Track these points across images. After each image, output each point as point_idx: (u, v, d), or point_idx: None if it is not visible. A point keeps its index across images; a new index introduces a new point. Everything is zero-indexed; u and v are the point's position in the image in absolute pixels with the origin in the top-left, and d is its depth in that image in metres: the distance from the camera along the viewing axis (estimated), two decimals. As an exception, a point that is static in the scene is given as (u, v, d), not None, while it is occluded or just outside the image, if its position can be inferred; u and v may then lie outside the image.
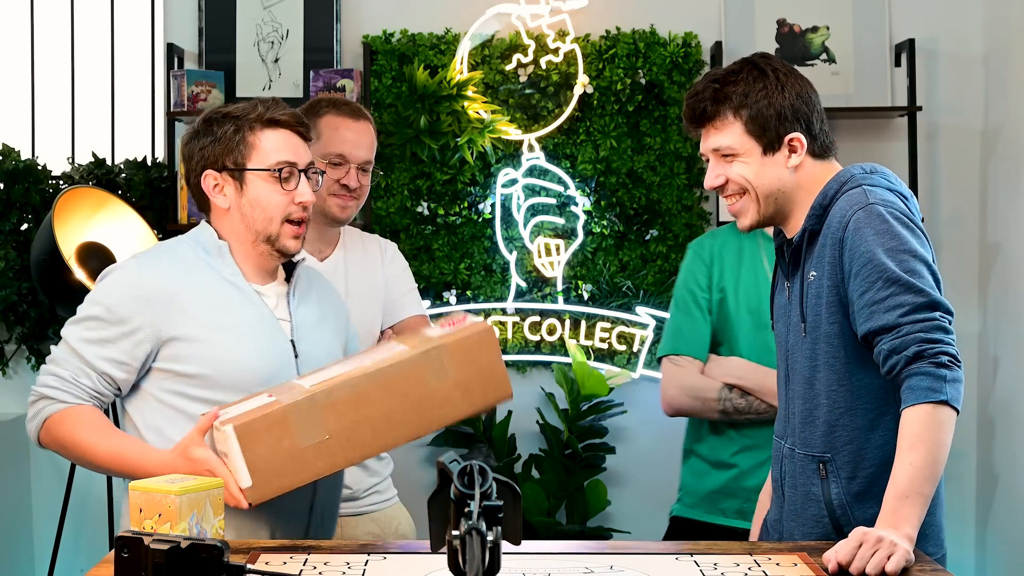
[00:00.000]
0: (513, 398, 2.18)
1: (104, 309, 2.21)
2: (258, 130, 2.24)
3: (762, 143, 2.15)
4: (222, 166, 2.24)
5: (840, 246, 2.07)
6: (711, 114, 2.17)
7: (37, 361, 4.31)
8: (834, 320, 2.09)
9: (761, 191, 2.17)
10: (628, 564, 1.89)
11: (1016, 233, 4.06)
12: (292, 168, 2.24)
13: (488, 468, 1.50)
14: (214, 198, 2.26)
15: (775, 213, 2.19)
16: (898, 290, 1.98)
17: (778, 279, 2.31)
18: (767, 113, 2.14)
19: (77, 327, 2.24)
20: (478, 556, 1.36)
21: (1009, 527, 4.10)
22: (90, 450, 2.18)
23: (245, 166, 2.23)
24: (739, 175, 2.17)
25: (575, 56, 4.23)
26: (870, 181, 2.13)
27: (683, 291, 2.72)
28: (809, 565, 1.87)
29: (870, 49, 4.27)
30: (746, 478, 2.64)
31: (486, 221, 4.29)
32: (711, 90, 2.17)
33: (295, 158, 2.25)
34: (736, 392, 2.60)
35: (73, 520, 4.16)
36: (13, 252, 4.21)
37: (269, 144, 2.24)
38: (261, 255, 2.27)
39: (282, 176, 2.23)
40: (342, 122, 2.78)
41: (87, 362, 2.21)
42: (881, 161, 4.08)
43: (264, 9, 4.31)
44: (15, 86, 4.51)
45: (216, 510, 1.87)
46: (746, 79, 2.15)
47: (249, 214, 2.24)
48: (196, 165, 2.27)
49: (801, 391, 2.17)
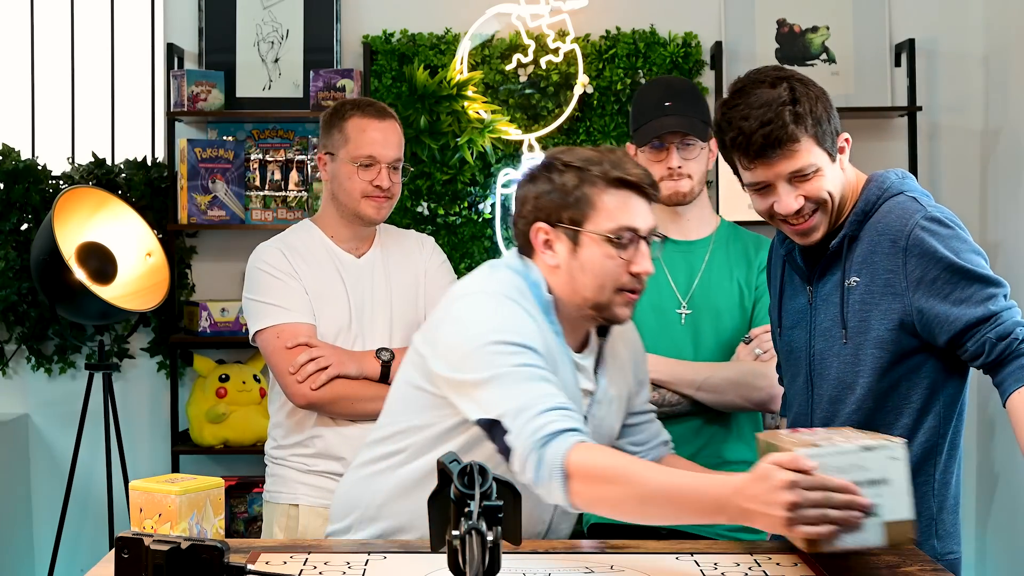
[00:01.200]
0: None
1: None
2: (602, 188, 2.02)
3: (830, 152, 2.10)
4: (556, 220, 2.04)
5: (904, 255, 2.06)
6: (792, 136, 2.04)
7: (37, 361, 4.31)
8: (891, 325, 2.08)
9: (837, 199, 2.13)
10: (628, 564, 1.89)
11: (1016, 233, 4.06)
12: (634, 235, 2.03)
13: (488, 468, 1.50)
14: (542, 253, 2.06)
15: (835, 220, 2.16)
16: (980, 286, 2.02)
17: (786, 284, 2.30)
18: (823, 125, 2.08)
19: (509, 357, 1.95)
20: (478, 556, 1.36)
21: (1009, 527, 4.10)
22: (648, 486, 1.83)
23: (582, 225, 2.02)
24: (822, 190, 2.09)
25: (575, 56, 4.23)
26: (910, 189, 2.15)
27: None
28: (809, 565, 1.87)
29: (870, 49, 4.27)
30: None
31: (486, 221, 4.29)
32: (788, 114, 2.03)
33: (639, 223, 2.04)
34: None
35: (73, 520, 4.16)
36: (13, 252, 4.21)
37: (612, 204, 2.02)
38: (585, 320, 2.09)
39: (621, 242, 2.02)
40: (368, 123, 2.80)
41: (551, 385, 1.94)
42: (881, 161, 4.09)
43: (264, 9, 4.31)
44: (15, 86, 4.51)
45: (216, 510, 1.87)
46: (801, 98, 2.05)
47: (579, 277, 2.04)
48: (528, 213, 2.07)
49: (832, 396, 2.17)
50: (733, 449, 2.65)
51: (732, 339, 2.66)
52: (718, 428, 2.64)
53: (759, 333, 2.62)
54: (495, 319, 1.97)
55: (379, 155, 2.78)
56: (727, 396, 2.58)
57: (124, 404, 4.28)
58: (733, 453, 2.65)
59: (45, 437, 4.38)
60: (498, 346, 1.93)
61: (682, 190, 2.69)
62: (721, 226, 2.78)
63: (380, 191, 2.78)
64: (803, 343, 2.23)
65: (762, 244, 2.71)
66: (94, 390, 4.04)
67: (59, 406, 4.35)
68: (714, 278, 2.70)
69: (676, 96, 2.70)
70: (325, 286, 2.78)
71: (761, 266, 2.67)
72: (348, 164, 2.78)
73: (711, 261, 2.72)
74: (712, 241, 2.75)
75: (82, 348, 4.29)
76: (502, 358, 1.92)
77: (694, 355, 2.64)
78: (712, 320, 2.65)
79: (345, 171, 2.79)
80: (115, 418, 4.00)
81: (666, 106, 2.68)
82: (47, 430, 4.38)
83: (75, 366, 4.35)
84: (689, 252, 2.73)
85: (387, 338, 2.79)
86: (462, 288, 2.11)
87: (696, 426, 2.63)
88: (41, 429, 4.38)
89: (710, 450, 2.63)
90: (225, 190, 4.19)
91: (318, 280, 2.78)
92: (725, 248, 2.74)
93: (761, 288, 2.66)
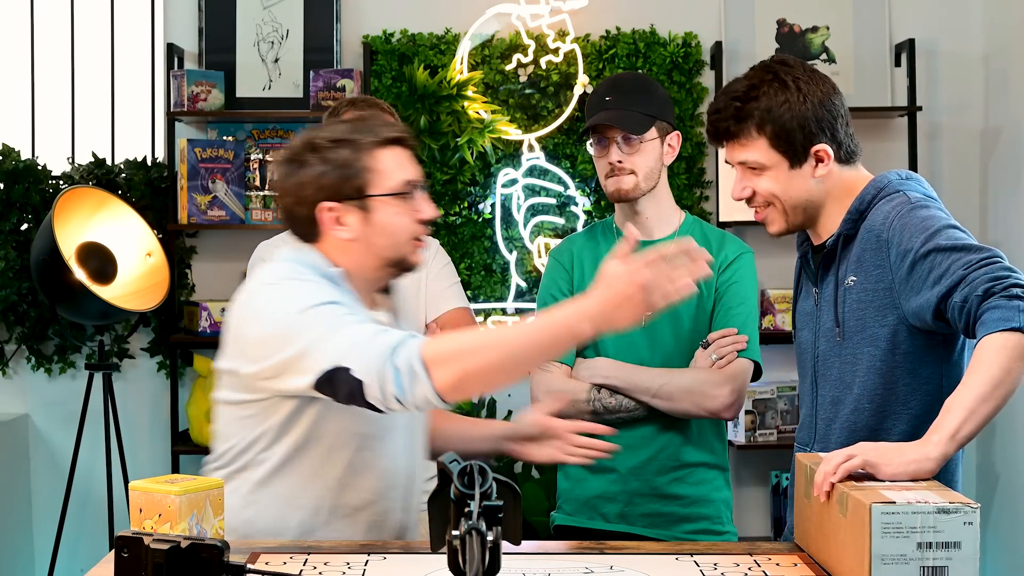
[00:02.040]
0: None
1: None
2: (376, 152, 2.09)
3: (788, 157, 2.12)
4: (343, 195, 2.08)
5: (887, 247, 2.05)
6: (734, 132, 2.13)
7: (37, 361, 4.31)
8: (885, 322, 2.07)
9: (789, 203, 2.15)
10: (628, 564, 1.89)
11: (1016, 233, 4.06)
12: (414, 185, 2.12)
13: (488, 468, 1.50)
14: (333, 231, 2.09)
15: (804, 221, 2.18)
16: (957, 255, 1.93)
17: (801, 287, 2.30)
18: (791, 127, 2.10)
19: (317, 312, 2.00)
20: (478, 556, 1.36)
21: (1009, 527, 4.10)
22: (506, 343, 1.93)
23: (369, 191, 2.08)
24: (766, 190, 2.14)
25: (575, 56, 4.23)
26: (908, 187, 2.12)
27: (546, 298, 2.71)
28: (809, 566, 1.87)
29: (870, 49, 4.27)
30: (626, 480, 2.63)
31: (486, 221, 4.29)
32: (732, 108, 2.12)
33: (414, 174, 2.13)
34: (605, 392, 2.59)
35: (73, 520, 4.16)
36: (13, 252, 4.21)
37: (390, 164, 2.09)
38: (381, 279, 2.16)
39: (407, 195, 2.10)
40: (360, 117, 2.81)
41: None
42: (881, 161, 4.09)
43: (264, 9, 4.31)
44: (15, 86, 4.51)
45: (216, 510, 1.87)
46: (767, 92, 2.11)
47: (377, 241, 2.09)
48: (309, 197, 2.08)
49: (833, 397, 2.16)
50: (691, 452, 2.63)
51: (691, 342, 2.62)
52: (675, 433, 2.62)
53: (716, 338, 2.58)
54: (289, 296, 2.01)
55: None
56: (681, 404, 2.56)
57: (124, 404, 4.28)
58: (691, 456, 2.63)
59: (45, 437, 4.38)
60: (302, 314, 1.97)
61: (624, 187, 2.60)
62: (684, 223, 2.70)
63: None
64: (810, 344, 2.23)
65: (726, 241, 2.66)
66: (94, 390, 4.04)
67: (59, 406, 4.35)
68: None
69: (618, 91, 2.64)
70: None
71: (723, 264, 2.62)
72: None
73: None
74: (674, 240, 2.70)
75: (82, 348, 4.29)
76: (311, 320, 1.96)
77: (651, 357, 2.61)
78: (670, 322, 2.60)
79: None
80: (115, 418, 4.01)
81: (606, 100, 2.62)
82: (47, 430, 4.38)
83: (75, 366, 4.35)
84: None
85: None
86: (247, 291, 2.12)
87: (653, 431, 2.61)
88: (41, 429, 4.38)
89: (667, 453, 2.61)
90: (225, 190, 4.19)
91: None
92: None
93: (722, 289, 2.61)
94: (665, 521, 2.62)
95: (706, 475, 2.64)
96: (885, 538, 1.68)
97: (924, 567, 1.69)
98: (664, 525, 2.61)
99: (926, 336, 2.05)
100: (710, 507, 2.64)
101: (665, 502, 2.62)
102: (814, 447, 2.20)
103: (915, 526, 1.69)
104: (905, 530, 1.69)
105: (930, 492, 1.76)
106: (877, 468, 1.80)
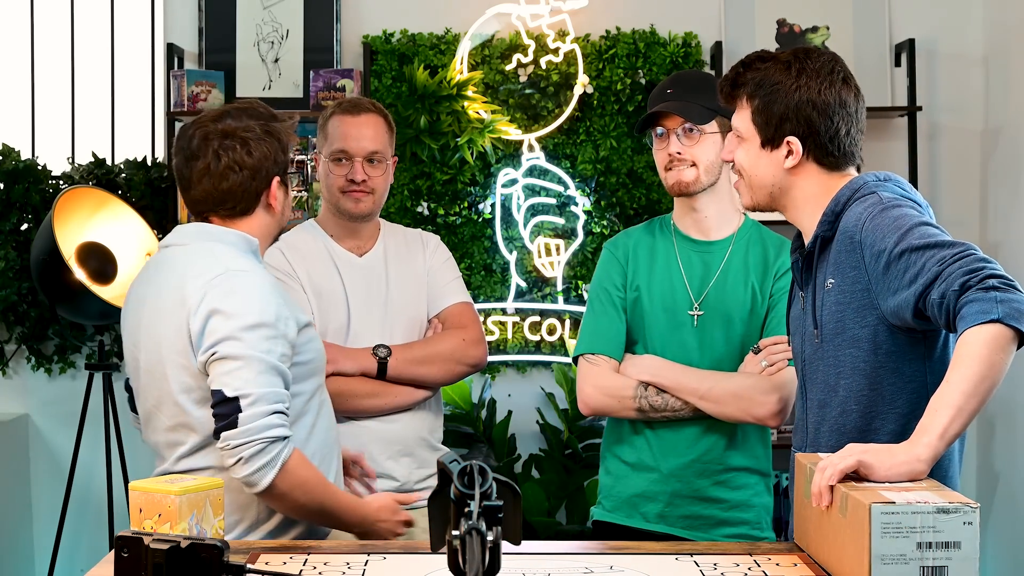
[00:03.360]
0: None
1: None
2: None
3: (762, 135, 2.16)
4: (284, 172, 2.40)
5: (860, 248, 2.04)
6: (732, 95, 2.21)
7: (37, 361, 4.31)
8: (865, 323, 2.06)
9: (753, 181, 2.19)
10: (628, 564, 1.89)
11: (1016, 233, 4.06)
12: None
13: (488, 468, 1.50)
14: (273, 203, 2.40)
15: (769, 203, 2.21)
16: (931, 252, 1.92)
17: (794, 291, 2.30)
18: (772, 108, 2.14)
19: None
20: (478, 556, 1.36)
21: (1009, 527, 4.11)
22: (333, 493, 2.29)
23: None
24: (739, 160, 2.21)
25: (575, 56, 4.23)
26: (883, 188, 2.12)
27: (598, 290, 2.70)
28: (809, 566, 1.87)
29: (870, 49, 4.27)
30: (668, 482, 2.62)
31: (486, 221, 4.29)
32: (735, 72, 2.21)
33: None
34: (652, 390, 2.58)
35: (73, 520, 4.16)
36: (13, 252, 4.21)
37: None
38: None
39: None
40: (343, 119, 2.87)
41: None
42: (881, 161, 4.09)
43: (264, 9, 4.31)
44: (15, 86, 4.51)
45: (216, 510, 1.87)
46: (769, 69, 2.17)
47: (287, 211, 2.44)
48: (262, 174, 2.38)
49: (820, 400, 2.16)
50: (735, 457, 2.62)
51: (742, 346, 2.61)
52: (720, 436, 2.62)
53: (768, 344, 2.57)
54: (251, 303, 2.21)
55: (351, 149, 2.84)
56: (728, 408, 2.55)
57: (124, 404, 4.27)
58: (735, 460, 2.62)
59: (45, 437, 4.38)
60: (254, 330, 2.17)
61: (684, 179, 2.59)
62: (744, 226, 2.68)
63: (355, 185, 2.83)
64: (799, 349, 2.23)
65: (784, 247, 2.64)
66: (94, 390, 4.04)
67: (59, 406, 4.35)
68: (729, 282, 2.63)
69: (680, 84, 2.64)
70: (324, 285, 2.81)
71: (779, 271, 2.62)
72: (326, 161, 2.87)
73: (728, 264, 2.65)
74: (732, 242, 2.66)
75: (82, 348, 4.29)
76: (255, 342, 2.16)
77: (700, 358, 2.60)
78: (722, 325, 2.60)
79: (324, 168, 2.88)
80: (115, 418, 4.01)
81: (668, 92, 2.62)
82: (47, 430, 4.38)
83: (75, 366, 4.36)
84: (707, 253, 2.66)
85: (385, 336, 2.81)
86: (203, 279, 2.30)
87: (698, 433, 2.60)
88: (41, 429, 4.38)
89: (711, 456, 2.61)
90: (225, 190, 4.18)
91: (317, 279, 2.81)
92: (744, 251, 2.66)
93: (776, 295, 2.61)
94: (704, 524, 2.61)
95: (748, 480, 2.63)
96: (885, 538, 1.69)
97: (924, 567, 1.69)
98: (703, 528, 2.60)
99: (907, 334, 2.04)
100: (750, 512, 2.63)
101: (705, 505, 2.61)
102: (806, 451, 2.20)
103: (915, 526, 1.69)
104: (905, 530, 1.69)
105: (930, 492, 1.76)
106: (870, 471, 1.80)
